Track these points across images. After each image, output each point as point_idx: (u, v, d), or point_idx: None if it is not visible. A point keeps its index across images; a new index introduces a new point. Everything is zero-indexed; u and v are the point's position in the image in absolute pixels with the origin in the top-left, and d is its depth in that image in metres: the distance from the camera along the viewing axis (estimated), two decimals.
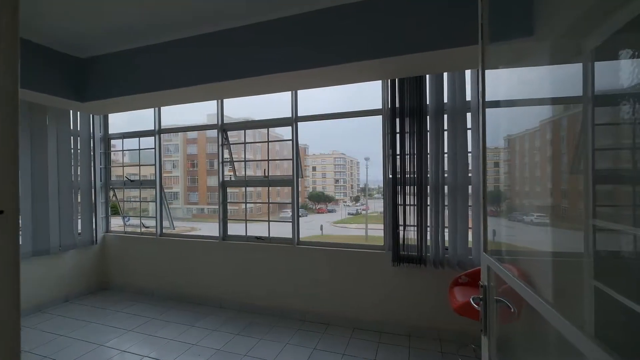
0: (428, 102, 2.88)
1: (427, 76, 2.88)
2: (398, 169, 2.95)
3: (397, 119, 2.95)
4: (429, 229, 2.88)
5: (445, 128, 2.86)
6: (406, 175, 2.93)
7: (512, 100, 1.12)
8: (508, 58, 1.11)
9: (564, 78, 0.91)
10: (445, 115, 2.86)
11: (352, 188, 25.72)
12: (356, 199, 25.24)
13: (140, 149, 4.32)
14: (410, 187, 2.92)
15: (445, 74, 2.84)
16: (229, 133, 3.92)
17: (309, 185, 24.33)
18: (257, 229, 3.79)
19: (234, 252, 3.67)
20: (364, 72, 2.55)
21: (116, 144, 4.59)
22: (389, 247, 3.04)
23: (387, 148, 3.04)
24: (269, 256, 3.50)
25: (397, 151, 2.95)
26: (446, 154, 2.86)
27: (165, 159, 21.22)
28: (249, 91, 3.09)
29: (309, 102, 4.08)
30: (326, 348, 2.77)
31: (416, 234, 2.90)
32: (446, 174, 2.87)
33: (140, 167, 4.44)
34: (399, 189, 2.95)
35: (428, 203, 2.88)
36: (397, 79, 2.93)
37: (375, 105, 3.14)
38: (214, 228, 3.84)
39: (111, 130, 4.48)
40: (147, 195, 4.44)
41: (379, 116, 3.12)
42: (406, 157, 2.93)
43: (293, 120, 3.46)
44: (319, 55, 2.41)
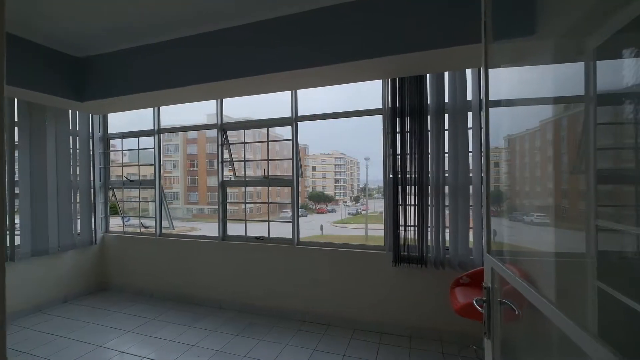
0: (429, 102, 2.87)
1: (428, 75, 2.86)
2: (398, 169, 2.93)
3: (398, 119, 2.93)
4: (429, 229, 2.87)
5: (446, 128, 2.84)
6: (407, 175, 2.91)
7: (517, 99, 1.10)
8: (513, 56, 1.09)
9: (570, 76, 0.89)
10: (446, 114, 2.84)
11: (352, 188, 25.68)
12: (356, 199, 25.21)
13: (140, 149, 4.30)
14: (411, 187, 2.90)
15: (446, 73, 2.82)
16: (228, 133, 3.90)
17: (309, 185, 24.30)
18: (257, 229, 3.77)
19: (234, 253, 3.66)
20: (363, 72, 2.53)
21: (116, 144, 4.57)
22: (390, 248, 3.02)
23: (388, 148, 3.03)
24: (269, 256, 3.49)
25: (398, 151, 2.93)
26: (447, 154, 2.85)
27: (165, 159, 21.34)
28: (248, 91, 3.07)
29: (309, 102, 4.06)
30: (326, 349, 2.75)
31: (417, 234, 2.88)
32: (447, 174, 2.85)
33: (139, 167, 4.42)
34: (400, 189, 2.93)
35: (429, 203, 2.86)
36: (398, 79, 2.91)
37: (376, 105, 3.12)
38: (214, 228, 3.82)
39: (113, 130, 4.47)
40: (147, 195, 4.43)
41: (379, 116, 3.11)
42: (407, 157, 2.91)
43: (293, 120, 3.44)
44: (318, 55, 2.39)
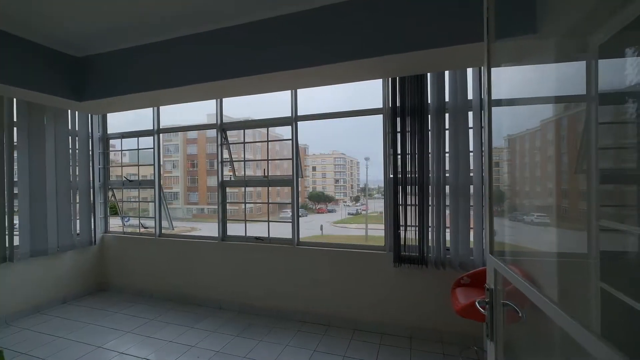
0: (429, 101, 2.86)
1: (428, 75, 2.85)
2: (399, 169, 2.92)
3: (398, 118, 2.92)
4: (430, 229, 2.85)
5: (447, 127, 2.83)
6: (407, 175, 2.90)
7: (520, 99, 1.09)
8: (516, 55, 1.08)
9: (574, 75, 0.88)
10: (447, 114, 2.83)
11: (352, 188, 25.68)
12: (356, 199, 25.20)
13: (139, 149, 4.29)
14: (411, 187, 2.89)
15: (447, 73, 2.81)
16: (228, 133, 3.89)
17: (309, 185, 24.29)
18: (257, 229, 3.76)
19: (234, 253, 3.64)
20: (364, 71, 2.52)
21: (115, 144, 4.56)
22: (390, 248, 3.01)
23: (388, 147, 3.01)
24: (269, 257, 3.47)
25: (398, 151, 2.92)
26: (447, 154, 2.83)
27: (165, 159, 21.33)
28: (248, 90, 3.05)
29: (309, 102, 4.05)
30: (326, 350, 2.74)
31: (417, 235, 2.87)
32: (447, 174, 2.84)
33: (139, 167, 4.41)
34: (400, 188, 2.92)
35: (429, 203, 2.85)
36: (398, 78, 2.90)
37: (376, 105, 3.11)
38: (214, 228, 3.81)
39: (112, 130, 4.45)
40: (147, 195, 4.41)
41: (380, 115, 3.09)
42: (407, 157, 2.90)
43: (293, 120, 3.43)
44: (319, 54, 2.38)
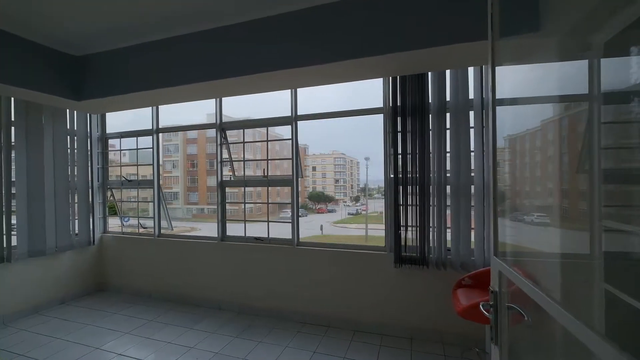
0: (430, 100, 2.83)
1: (429, 74, 2.82)
2: (400, 169, 2.90)
3: (399, 118, 2.89)
4: (431, 229, 2.83)
5: (448, 127, 2.81)
6: (408, 175, 2.88)
7: (527, 97, 1.06)
8: (523, 53, 1.05)
9: (580, 74, 0.86)
10: (448, 113, 2.81)
11: (352, 188, 25.66)
12: (356, 199, 25.18)
13: (138, 149, 4.26)
14: (412, 187, 2.87)
15: (448, 72, 2.79)
16: (228, 133, 3.87)
17: (309, 185, 24.27)
18: (257, 229, 3.74)
19: (233, 253, 3.62)
20: (365, 70, 2.50)
21: (115, 144, 4.53)
22: (391, 248, 2.98)
23: (389, 147, 2.99)
24: (269, 257, 3.45)
25: (399, 150, 2.89)
26: (448, 153, 2.81)
27: (165, 159, 21.32)
28: (248, 89, 3.03)
29: (309, 102, 4.02)
30: (327, 351, 2.72)
31: (418, 235, 2.84)
32: (448, 174, 2.82)
33: (137, 167, 4.38)
34: (401, 188, 2.90)
35: (430, 203, 2.83)
36: (399, 77, 2.87)
37: (377, 104, 3.09)
38: (214, 228, 3.79)
39: (112, 130, 4.42)
40: (147, 195, 4.38)
41: (380, 115, 3.07)
42: (408, 157, 2.88)
43: (293, 119, 3.41)
44: (320, 52, 2.36)
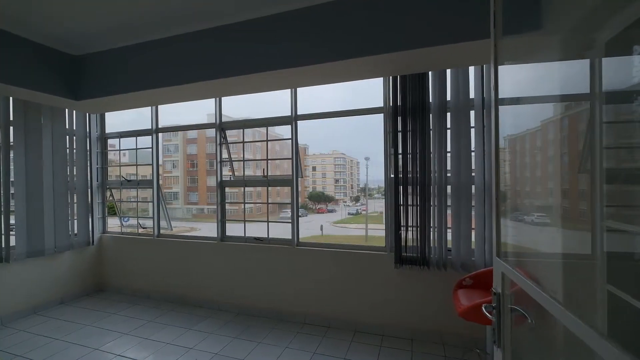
0: (431, 100, 2.82)
1: (430, 73, 2.81)
2: (400, 169, 2.88)
3: (399, 117, 2.88)
4: (431, 229, 2.82)
5: (449, 126, 2.79)
6: (408, 175, 2.86)
7: (532, 97, 1.05)
8: (527, 52, 1.03)
9: (584, 72, 0.84)
10: (449, 113, 2.79)
11: (352, 188, 25.65)
12: (356, 199, 25.18)
13: (138, 148, 4.25)
14: (413, 187, 2.85)
15: (449, 71, 2.77)
16: (228, 133, 3.85)
17: (309, 185, 24.26)
18: (257, 229, 3.72)
19: (233, 253, 3.61)
20: (366, 69, 2.48)
21: (115, 144, 4.51)
22: (391, 248, 2.97)
23: (389, 147, 2.97)
24: (268, 257, 3.44)
25: (399, 150, 2.88)
26: (449, 153, 2.79)
27: (165, 159, 21.31)
28: (248, 88, 3.01)
29: (309, 102, 4.01)
30: (327, 352, 2.70)
31: (418, 235, 2.83)
32: (449, 174, 2.80)
33: (137, 167, 4.37)
34: (401, 188, 2.88)
35: (431, 203, 2.81)
36: (399, 77, 2.86)
37: (377, 104, 3.07)
38: (214, 228, 3.77)
39: (112, 130, 4.41)
40: (147, 195, 4.37)
41: (380, 115, 3.06)
42: (408, 157, 2.86)
43: (292, 119, 3.39)
44: (319, 51, 2.34)
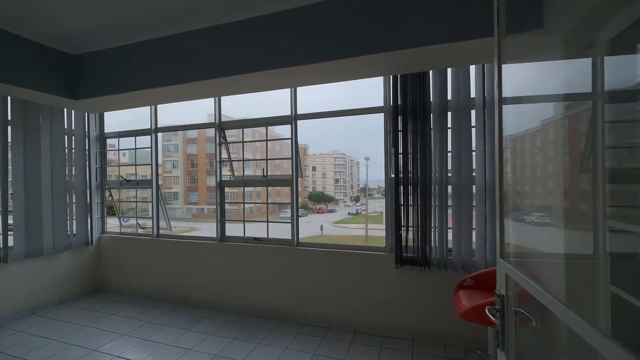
0: (431, 100, 2.80)
1: (430, 73, 2.79)
2: (400, 169, 2.86)
3: (400, 117, 2.86)
4: (432, 230, 2.80)
5: (449, 126, 2.77)
6: (409, 175, 2.84)
7: (533, 96, 1.03)
8: (531, 50, 1.02)
9: (586, 71, 0.82)
10: (449, 112, 2.77)
11: (352, 188, 25.65)
12: (356, 199, 25.17)
13: (137, 148, 4.23)
14: (413, 187, 2.83)
15: (449, 70, 2.75)
16: (227, 132, 3.83)
17: (308, 185, 24.25)
18: (257, 229, 3.71)
19: (232, 254, 3.59)
20: (366, 68, 2.46)
21: (114, 144, 4.49)
22: (391, 249, 2.95)
23: (389, 147, 2.96)
24: (268, 258, 3.42)
25: (400, 150, 2.86)
26: (450, 153, 2.78)
27: (165, 159, 21.29)
28: (247, 88, 2.99)
29: (308, 101, 4.00)
30: (327, 353, 2.68)
31: (419, 235, 2.81)
32: (449, 174, 2.78)
33: (136, 167, 4.35)
34: (402, 188, 2.86)
35: (432, 203, 2.79)
36: (399, 76, 2.84)
37: (377, 103, 3.06)
38: (214, 228, 3.76)
39: (111, 130, 4.39)
40: (147, 195, 4.35)
41: (380, 115, 3.04)
42: (409, 156, 2.84)
43: (292, 119, 3.37)
44: (320, 50, 2.32)
